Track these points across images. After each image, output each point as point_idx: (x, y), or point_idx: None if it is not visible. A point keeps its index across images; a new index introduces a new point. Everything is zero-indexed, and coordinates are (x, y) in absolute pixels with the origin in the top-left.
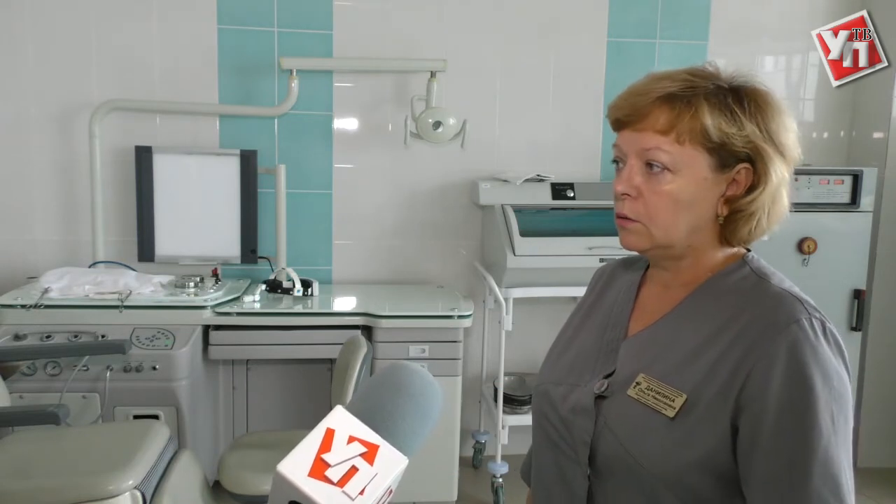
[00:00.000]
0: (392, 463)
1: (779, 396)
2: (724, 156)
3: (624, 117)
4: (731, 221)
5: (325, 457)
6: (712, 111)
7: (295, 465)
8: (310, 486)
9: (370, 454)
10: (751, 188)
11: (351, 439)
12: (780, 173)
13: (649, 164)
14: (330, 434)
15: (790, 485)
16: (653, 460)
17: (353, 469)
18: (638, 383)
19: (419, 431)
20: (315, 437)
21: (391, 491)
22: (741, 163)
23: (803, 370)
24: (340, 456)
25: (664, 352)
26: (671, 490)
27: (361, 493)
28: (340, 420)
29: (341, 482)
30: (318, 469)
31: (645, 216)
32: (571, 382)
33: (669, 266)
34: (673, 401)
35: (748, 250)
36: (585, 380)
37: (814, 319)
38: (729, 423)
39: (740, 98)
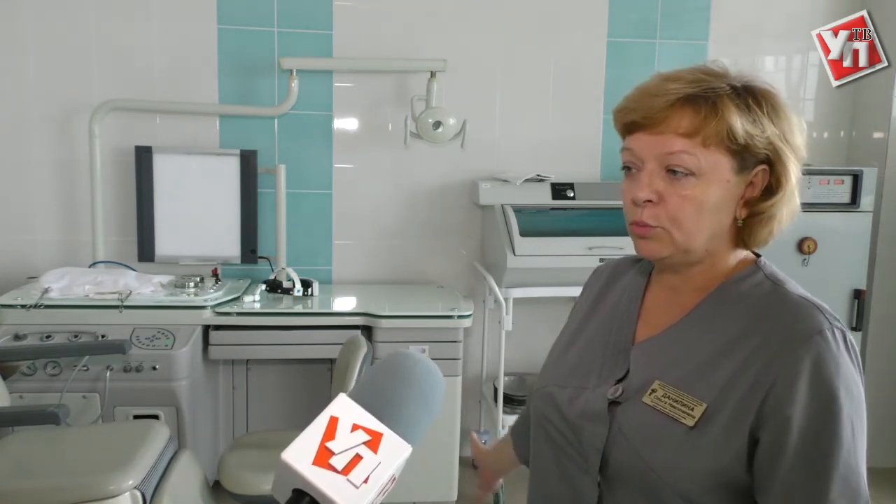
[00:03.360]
0: (396, 451)
1: (804, 409)
2: (745, 158)
3: (641, 120)
4: (749, 224)
5: (330, 445)
6: (738, 113)
7: (299, 453)
8: (314, 474)
9: (374, 442)
10: (766, 190)
11: (355, 427)
12: (796, 174)
13: (671, 170)
14: (334, 422)
15: (811, 494)
16: (669, 468)
17: (358, 457)
18: (654, 390)
19: (422, 419)
20: (319, 424)
21: (394, 479)
22: (759, 164)
23: (828, 384)
24: (344, 444)
25: (679, 359)
26: (684, 499)
27: (366, 481)
28: (344, 408)
29: (346, 470)
30: (323, 457)
31: (668, 221)
32: (576, 385)
33: (682, 270)
34: (692, 409)
35: (758, 255)
36: (592, 384)
37: (835, 330)
38: (748, 434)
39: (757, 99)
